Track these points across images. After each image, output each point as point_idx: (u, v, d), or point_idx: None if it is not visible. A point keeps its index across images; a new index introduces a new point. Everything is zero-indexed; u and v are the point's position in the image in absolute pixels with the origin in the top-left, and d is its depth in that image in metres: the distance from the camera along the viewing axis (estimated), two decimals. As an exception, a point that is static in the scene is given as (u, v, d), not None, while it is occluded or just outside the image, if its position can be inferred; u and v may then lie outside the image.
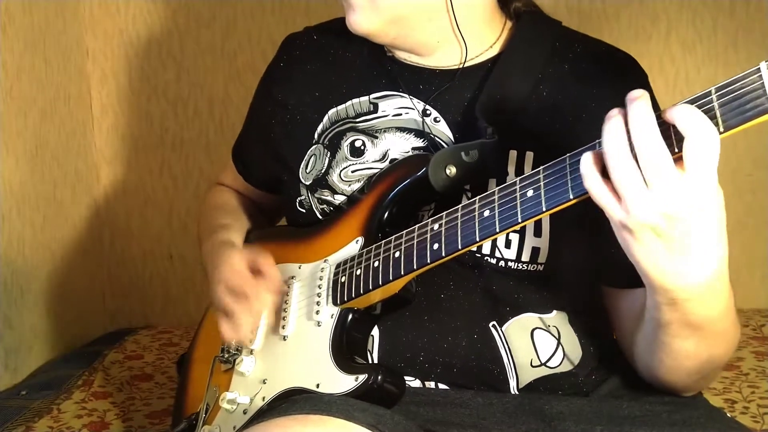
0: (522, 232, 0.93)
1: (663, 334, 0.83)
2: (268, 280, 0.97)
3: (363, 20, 0.96)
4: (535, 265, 0.94)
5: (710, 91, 0.68)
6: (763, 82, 0.65)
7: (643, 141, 0.68)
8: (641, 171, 0.69)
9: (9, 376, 1.57)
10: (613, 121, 0.70)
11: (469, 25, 0.99)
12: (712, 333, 0.81)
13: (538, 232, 0.93)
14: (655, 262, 0.73)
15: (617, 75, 0.99)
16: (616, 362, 1.00)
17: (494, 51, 1.01)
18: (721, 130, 0.67)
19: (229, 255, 1.02)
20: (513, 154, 0.95)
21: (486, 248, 0.94)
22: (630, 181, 0.69)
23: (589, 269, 0.98)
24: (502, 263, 0.94)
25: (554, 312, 0.97)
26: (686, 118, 0.67)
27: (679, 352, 0.84)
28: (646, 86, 1.01)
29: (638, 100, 0.69)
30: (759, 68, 0.66)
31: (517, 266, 0.94)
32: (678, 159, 0.68)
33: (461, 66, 1.00)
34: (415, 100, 1.01)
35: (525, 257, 0.94)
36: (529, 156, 0.95)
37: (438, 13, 0.97)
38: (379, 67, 1.04)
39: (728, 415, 0.96)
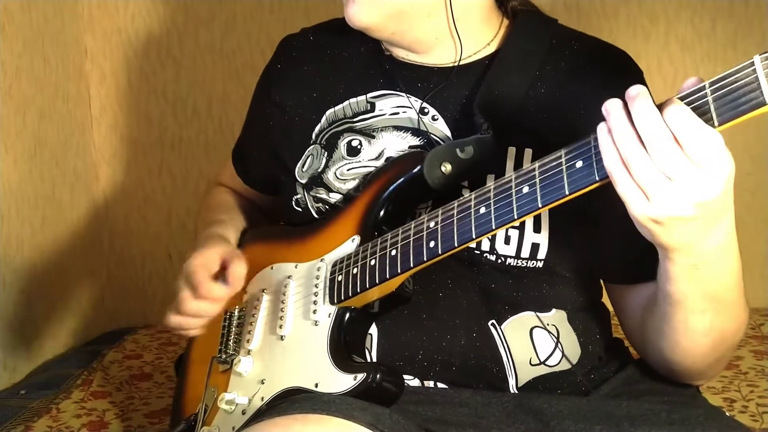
0: (521, 228, 0.93)
1: (680, 311, 0.84)
2: (226, 288, 0.98)
3: (363, 13, 0.96)
4: (535, 262, 0.94)
5: (704, 86, 0.68)
6: (757, 75, 0.65)
7: (655, 138, 0.69)
8: (658, 166, 0.69)
9: (8, 375, 1.57)
10: (617, 120, 0.71)
11: (467, 23, 0.99)
12: (726, 303, 0.83)
13: (537, 228, 0.94)
14: (685, 242, 0.75)
15: (614, 72, 0.99)
16: (615, 361, 1.01)
17: (491, 48, 1.02)
18: (716, 124, 0.68)
19: (208, 248, 1.03)
20: (512, 150, 0.95)
21: (485, 245, 0.94)
22: (652, 178, 0.70)
23: (591, 267, 0.99)
24: (501, 260, 0.94)
25: (553, 310, 0.97)
26: (682, 122, 0.68)
27: (695, 329, 0.85)
28: (642, 83, 1.00)
29: (639, 97, 0.69)
30: (753, 61, 0.66)
31: (517, 263, 0.94)
32: None
33: (456, 64, 1.00)
34: (413, 99, 1.01)
35: (524, 253, 0.94)
36: (528, 153, 0.95)
37: (437, 10, 0.97)
38: (376, 66, 1.04)
39: (727, 414, 0.96)
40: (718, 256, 0.78)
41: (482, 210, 0.81)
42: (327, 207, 1.03)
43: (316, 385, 0.89)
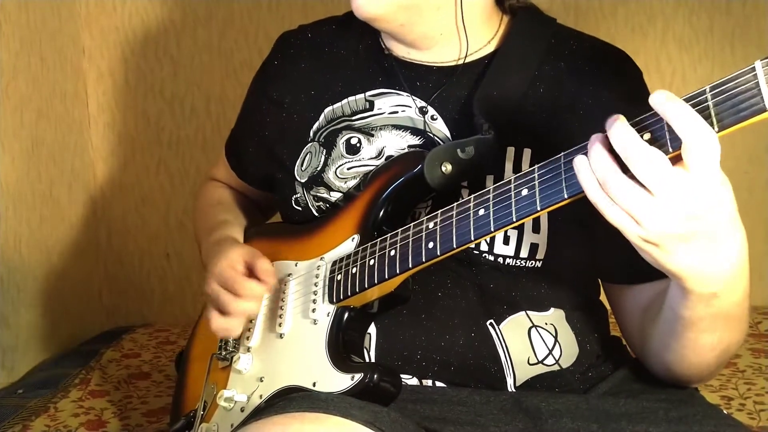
0: (520, 229, 0.93)
1: (691, 331, 0.83)
2: (262, 282, 0.97)
3: (372, 3, 0.95)
4: (534, 262, 0.94)
5: (705, 90, 0.68)
6: (758, 81, 0.65)
7: (632, 155, 0.68)
8: (642, 184, 0.68)
9: (6, 374, 1.57)
10: (594, 149, 0.71)
11: (471, 20, 0.99)
12: (736, 318, 0.83)
13: (536, 228, 0.94)
14: (690, 265, 0.73)
15: (612, 71, 0.99)
16: (613, 359, 1.01)
17: (491, 48, 1.02)
18: (716, 129, 0.67)
19: (228, 250, 1.02)
20: (510, 150, 0.95)
21: (484, 245, 0.94)
22: (633, 198, 0.69)
23: (589, 267, 0.99)
24: (500, 260, 0.94)
25: (551, 310, 0.97)
26: (681, 119, 0.67)
27: (704, 346, 0.85)
28: (641, 82, 1.01)
29: (615, 122, 0.69)
30: (754, 67, 0.65)
31: (516, 263, 0.94)
32: (676, 157, 0.68)
33: (463, 60, 0.99)
34: (414, 97, 1.00)
35: (523, 253, 0.94)
36: (527, 153, 0.95)
37: (447, 4, 0.97)
38: (375, 64, 1.04)
39: (725, 411, 0.96)
40: (735, 281, 0.77)
41: (481, 212, 0.81)
42: (327, 205, 1.03)
43: (314, 384, 0.89)
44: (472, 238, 0.82)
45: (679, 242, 0.71)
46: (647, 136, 0.70)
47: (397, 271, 0.88)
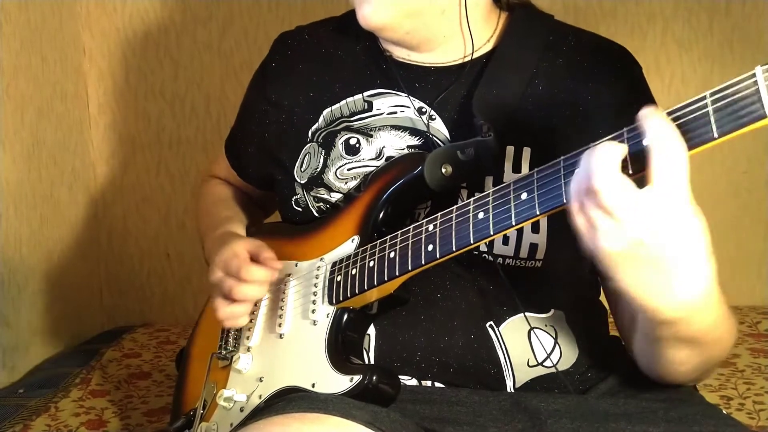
0: (520, 229, 0.93)
1: (656, 347, 0.84)
2: (267, 270, 0.97)
3: (378, 13, 0.95)
4: (533, 262, 0.94)
5: (705, 96, 0.67)
6: (758, 88, 0.64)
7: (595, 182, 0.68)
8: (603, 206, 0.68)
9: (6, 374, 1.57)
10: (582, 162, 0.71)
11: (472, 21, 0.99)
12: (705, 342, 0.81)
13: (535, 229, 0.94)
14: (637, 286, 0.72)
15: (612, 67, 0.99)
16: (612, 360, 1.01)
17: (489, 46, 1.02)
18: (716, 135, 0.66)
19: (232, 242, 1.03)
20: (510, 150, 0.95)
21: (483, 245, 0.94)
22: (595, 215, 0.69)
23: (589, 267, 0.99)
24: (499, 260, 0.94)
25: (551, 311, 0.97)
26: (654, 130, 0.67)
27: (673, 360, 0.85)
28: (641, 78, 1.01)
29: (600, 147, 0.69)
30: (754, 73, 0.64)
31: (515, 263, 0.94)
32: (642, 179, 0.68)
33: (470, 58, 0.99)
34: (412, 98, 1.01)
35: (523, 254, 0.94)
36: (527, 152, 0.95)
37: (450, 7, 0.97)
38: (373, 65, 1.04)
39: (724, 411, 0.96)
40: (694, 314, 0.75)
41: (480, 215, 0.81)
42: (328, 206, 1.03)
43: (313, 385, 0.89)
44: (472, 242, 0.82)
45: (628, 261, 0.70)
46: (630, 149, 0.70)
47: (397, 273, 0.88)
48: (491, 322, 0.94)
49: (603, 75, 0.97)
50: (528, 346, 0.95)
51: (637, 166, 0.69)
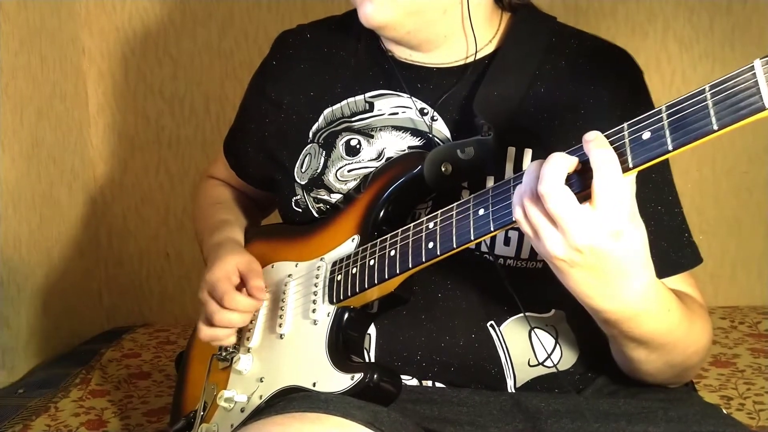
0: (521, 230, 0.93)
1: (613, 343, 0.89)
2: (252, 300, 0.99)
3: (380, 12, 0.95)
4: (534, 263, 0.94)
5: (704, 89, 0.68)
6: (756, 80, 0.65)
7: (542, 188, 0.72)
8: (548, 213, 0.73)
9: (6, 374, 1.57)
10: (529, 168, 0.75)
11: (474, 21, 0.99)
12: (661, 345, 0.86)
13: (536, 230, 0.93)
14: (580, 289, 0.78)
15: (613, 70, 0.99)
16: (612, 360, 1.00)
17: (491, 47, 1.01)
18: (716, 128, 0.67)
19: (226, 257, 1.03)
20: (511, 151, 0.95)
21: (484, 246, 0.94)
22: (539, 223, 0.74)
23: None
24: (500, 261, 0.94)
25: (552, 311, 0.97)
26: (594, 154, 0.71)
27: (632, 359, 0.89)
28: (642, 81, 1.01)
29: (553, 156, 0.73)
30: (753, 66, 0.65)
31: (516, 264, 0.94)
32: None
33: (473, 58, 0.99)
34: (414, 99, 1.00)
35: (524, 255, 0.94)
36: (528, 153, 0.95)
37: (452, 6, 0.97)
38: (375, 65, 1.04)
39: (724, 411, 0.96)
40: (631, 316, 0.81)
41: (481, 212, 0.81)
42: (328, 207, 1.03)
43: (314, 384, 0.89)
44: (472, 238, 0.82)
45: (568, 266, 0.75)
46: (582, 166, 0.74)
47: (397, 272, 0.88)
48: (492, 322, 0.94)
49: (604, 78, 0.97)
50: (529, 345, 0.95)
51: (580, 185, 0.74)
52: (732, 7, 1.84)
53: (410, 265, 0.87)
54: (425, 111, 1.00)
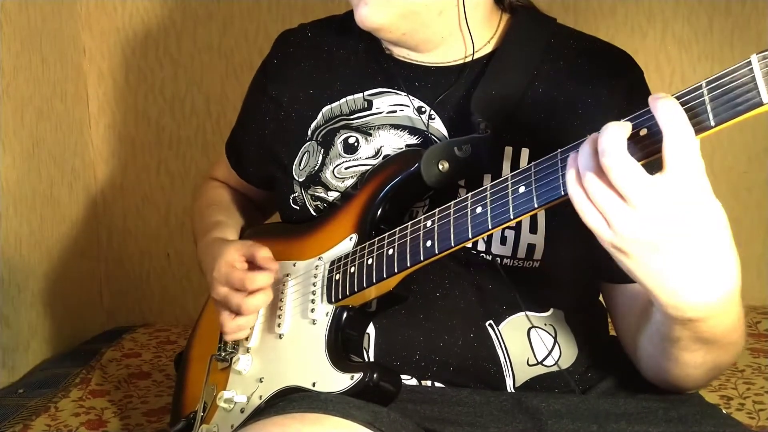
0: (517, 229, 0.93)
1: (671, 347, 0.81)
2: (266, 271, 0.97)
3: (375, 14, 0.95)
4: (531, 262, 0.94)
5: (701, 85, 0.67)
6: (753, 75, 0.64)
7: (608, 161, 0.66)
8: (616, 188, 0.66)
9: (6, 374, 1.57)
10: (584, 146, 0.69)
11: (472, 21, 0.99)
12: (723, 345, 0.80)
13: (533, 229, 0.93)
14: (660, 280, 0.70)
15: (612, 71, 0.99)
16: (612, 360, 1.01)
17: (490, 47, 1.02)
18: (712, 124, 0.66)
19: (222, 251, 1.02)
20: (509, 150, 0.95)
21: (481, 245, 0.94)
22: (607, 201, 0.67)
23: (588, 267, 0.98)
24: (497, 260, 0.94)
25: (551, 310, 0.97)
26: (665, 114, 0.65)
27: (687, 363, 0.83)
28: (642, 82, 1.01)
29: (609, 126, 0.67)
30: (749, 61, 0.65)
31: (513, 263, 0.94)
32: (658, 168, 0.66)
33: (471, 58, 0.99)
34: (411, 98, 1.01)
35: (521, 254, 0.94)
36: (525, 152, 0.95)
37: (448, 7, 0.97)
38: (374, 64, 1.04)
39: (724, 411, 0.96)
40: (714, 314, 0.72)
41: (479, 210, 0.81)
42: (325, 205, 1.03)
43: (314, 384, 0.89)
44: (470, 236, 0.82)
45: (649, 252, 0.67)
46: (644, 132, 0.69)
47: (396, 270, 0.88)
48: (490, 321, 0.94)
49: (603, 79, 0.97)
50: (528, 344, 0.95)
51: (641, 154, 0.68)
52: (731, 8, 1.84)
53: (408, 264, 0.87)
54: (423, 109, 1.00)
